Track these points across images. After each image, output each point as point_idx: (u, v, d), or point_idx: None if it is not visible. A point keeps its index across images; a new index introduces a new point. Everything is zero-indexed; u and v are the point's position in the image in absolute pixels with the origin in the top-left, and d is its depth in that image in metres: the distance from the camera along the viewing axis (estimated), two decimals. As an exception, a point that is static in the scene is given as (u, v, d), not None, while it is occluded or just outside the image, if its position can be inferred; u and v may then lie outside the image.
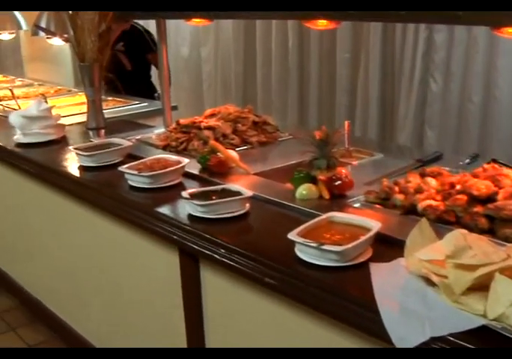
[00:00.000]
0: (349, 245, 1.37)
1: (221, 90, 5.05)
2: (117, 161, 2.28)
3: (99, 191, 2.10)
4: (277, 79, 4.52)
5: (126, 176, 2.00)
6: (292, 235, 1.43)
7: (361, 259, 1.40)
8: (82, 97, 3.75)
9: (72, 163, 2.38)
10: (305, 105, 4.46)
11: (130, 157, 2.33)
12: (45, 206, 2.68)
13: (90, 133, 2.88)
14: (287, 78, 4.46)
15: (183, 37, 5.16)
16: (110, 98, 3.60)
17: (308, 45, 4.28)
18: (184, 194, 1.74)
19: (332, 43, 4.10)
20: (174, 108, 3.05)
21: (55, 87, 4.27)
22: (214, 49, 5.04)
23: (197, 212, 1.70)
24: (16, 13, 4.32)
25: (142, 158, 2.27)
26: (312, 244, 1.38)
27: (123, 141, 2.38)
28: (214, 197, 1.71)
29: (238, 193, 1.74)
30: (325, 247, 1.37)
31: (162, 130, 2.74)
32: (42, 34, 3.51)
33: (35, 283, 3.04)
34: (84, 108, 3.39)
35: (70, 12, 2.79)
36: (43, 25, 3.42)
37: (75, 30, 2.79)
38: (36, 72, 5.54)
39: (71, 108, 3.50)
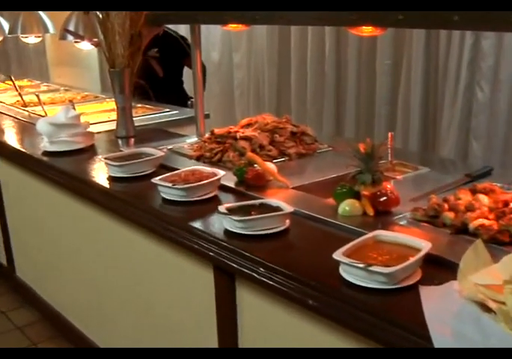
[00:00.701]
0: (398, 267, 1.36)
1: (254, 97, 5.07)
2: (148, 172, 2.30)
3: (130, 203, 2.11)
4: (312, 87, 4.52)
5: (160, 188, 2.01)
6: (337, 255, 1.42)
7: (410, 282, 1.39)
8: (110, 104, 3.82)
9: (102, 173, 2.41)
10: (341, 114, 4.45)
11: (162, 168, 2.36)
12: (72, 218, 2.71)
13: (120, 142, 2.91)
14: (322, 86, 4.46)
15: (213, 41, 5.20)
16: (139, 105, 3.63)
17: (345, 50, 4.28)
18: (221, 208, 1.75)
19: (372, 48, 4.09)
20: (206, 116, 3.06)
21: (82, 93, 4.33)
22: (247, 55, 5.06)
23: (235, 228, 1.70)
24: (44, 16, 4.40)
25: (175, 169, 2.29)
26: (359, 265, 1.37)
27: (155, 151, 2.40)
28: (253, 212, 1.70)
29: (278, 208, 1.74)
30: (372, 268, 1.36)
31: (194, 139, 2.76)
32: (70, 38, 3.56)
33: (59, 296, 3.07)
34: (113, 116, 3.47)
35: (100, 16, 2.83)
36: (71, 28, 3.47)
37: (105, 34, 2.83)
38: (61, 76, 5.63)
39: (99, 115, 3.55)
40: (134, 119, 3.02)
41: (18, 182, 3.21)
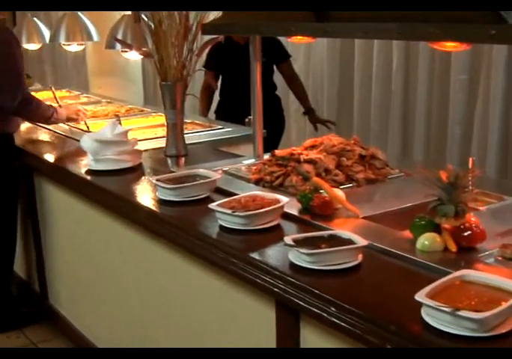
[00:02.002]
0: (491, 313, 1.34)
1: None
2: (203, 196, 2.32)
3: (184, 229, 2.13)
4: (377, 103, 4.52)
5: (218, 214, 2.03)
6: (420, 297, 1.40)
7: (503, 330, 1.36)
8: (157, 119, 3.89)
9: (151, 195, 2.44)
10: (408, 134, 4.43)
11: (217, 191, 2.38)
12: (116, 242, 2.75)
13: (169, 161, 2.95)
14: (388, 103, 4.45)
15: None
16: (189, 120, 3.67)
17: (415, 64, 4.27)
18: (287, 240, 1.75)
19: (446, 61, 4.07)
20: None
21: (126, 106, 4.40)
22: (304, 67, 5.09)
23: (302, 262, 1.70)
24: (88, 23, 4.51)
25: (231, 193, 2.32)
26: (445, 310, 1.36)
27: (211, 173, 2.42)
28: (323, 245, 1.70)
29: (350, 241, 1.74)
30: (461, 313, 1.34)
31: (252, 161, 2.79)
32: (118, 47, 3.63)
33: (97, 328, 3.11)
34: (160, 132, 3.52)
35: (152, 25, 2.88)
36: (118, 36, 3.54)
37: (157, 45, 2.88)
38: (102, 87, 5.73)
39: (144, 131, 3.61)
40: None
41: (56, 200, 3.29)
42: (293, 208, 2.13)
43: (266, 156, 2.74)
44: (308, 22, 2.09)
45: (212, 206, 2.05)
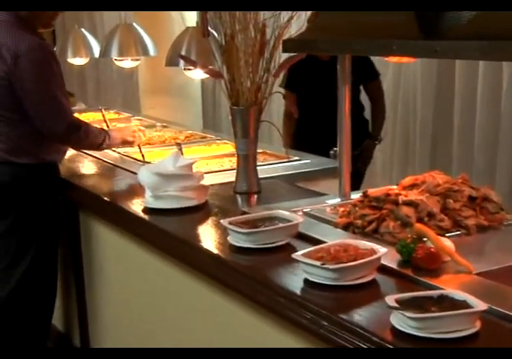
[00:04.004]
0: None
1: (401, 141, 5.06)
2: (282, 242, 2.32)
3: (261, 282, 2.12)
4: (482, 132, 4.47)
5: (303, 266, 2.02)
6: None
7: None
8: (222, 147, 3.94)
9: (220, 240, 2.45)
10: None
11: (299, 237, 2.38)
12: (176, 292, 2.77)
13: (239, 199, 2.98)
14: (496, 131, 4.39)
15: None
16: (260, 150, 3.68)
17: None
18: (390, 300, 1.73)
19: None
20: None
21: (185, 132, 4.46)
22: (393, 87, 5.09)
23: (408, 328, 1.67)
24: (145, 36, 4.61)
25: (315, 239, 2.32)
26: None
27: (291, 215, 2.42)
28: (433, 309, 1.68)
29: (464, 304, 1.70)
30: None
31: (337, 200, 2.78)
32: (181, 64, 3.69)
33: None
34: (226, 163, 3.56)
35: (223, 40, 2.92)
36: (182, 52, 3.60)
37: (228, 63, 2.92)
38: (155, 108, 5.83)
39: (208, 162, 3.65)
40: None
41: (105, 242, 3.34)
42: (390, 259, 2.10)
43: (354, 195, 2.74)
44: (412, 39, 2.09)
45: (297, 256, 2.04)
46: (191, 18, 4.16)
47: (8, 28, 3.13)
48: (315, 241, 2.29)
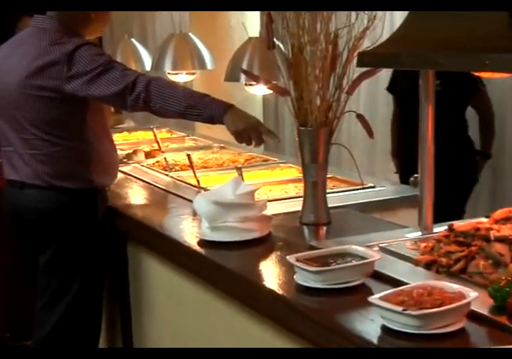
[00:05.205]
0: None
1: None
2: (356, 282, 2.28)
3: (333, 329, 2.08)
4: None
5: (381, 312, 1.97)
6: None
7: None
8: (286, 172, 3.94)
9: (285, 278, 2.42)
10: None
11: (374, 276, 2.33)
12: (236, 334, 2.75)
13: (306, 231, 2.95)
14: None
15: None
16: (329, 175, 3.65)
17: None
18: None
19: None
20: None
21: (244, 153, 4.45)
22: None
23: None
24: (202, 48, 4.62)
25: (393, 279, 2.28)
26: None
27: (366, 252, 2.38)
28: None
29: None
30: None
31: (417, 234, 2.73)
32: (242, 78, 3.69)
33: None
34: (291, 189, 3.54)
35: (290, 53, 2.90)
36: (243, 66, 3.60)
37: (296, 77, 2.91)
38: (211, 128, 5.81)
39: (271, 188, 3.62)
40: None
41: (156, 277, 3.34)
42: (481, 305, 2.04)
43: (438, 228, 2.68)
44: (509, 52, 2.03)
45: (374, 299, 1.99)
46: (253, 27, 4.16)
47: (53, 34, 3.17)
48: (393, 282, 2.25)
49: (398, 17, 4.30)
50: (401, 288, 2.08)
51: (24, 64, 3.14)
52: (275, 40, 3.02)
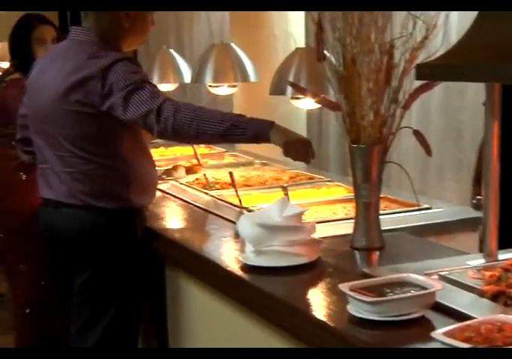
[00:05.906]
0: None
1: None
2: (416, 315, 2.20)
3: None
4: None
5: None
6: None
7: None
8: (334, 191, 3.92)
9: (336, 308, 2.37)
10: None
11: (434, 308, 2.25)
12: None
13: (357, 256, 2.91)
14: None
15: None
16: (381, 195, 3.57)
17: None
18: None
19: None
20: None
21: (288, 171, 4.41)
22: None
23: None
24: (244, 59, 4.58)
25: (456, 311, 2.21)
26: None
27: (426, 281, 2.31)
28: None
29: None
30: None
31: (481, 261, 2.65)
32: (288, 91, 3.64)
33: None
34: (340, 210, 3.51)
35: (341, 64, 2.84)
36: (290, 78, 3.56)
37: (348, 90, 2.85)
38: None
39: (318, 209, 3.56)
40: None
41: (195, 301, 3.31)
42: (556, 342, 1.96)
43: (503, 255, 2.63)
44: None
45: (438, 335, 1.92)
46: (299, 37, 4.11)
47: (90, 47, 3.17)
48: (456, 315, 2.17)
49: (454, 26, 4.20)
50: (467, 323, 2.01)
51: (60, 79, 3.15)
52: (325, 51, 2.96)
